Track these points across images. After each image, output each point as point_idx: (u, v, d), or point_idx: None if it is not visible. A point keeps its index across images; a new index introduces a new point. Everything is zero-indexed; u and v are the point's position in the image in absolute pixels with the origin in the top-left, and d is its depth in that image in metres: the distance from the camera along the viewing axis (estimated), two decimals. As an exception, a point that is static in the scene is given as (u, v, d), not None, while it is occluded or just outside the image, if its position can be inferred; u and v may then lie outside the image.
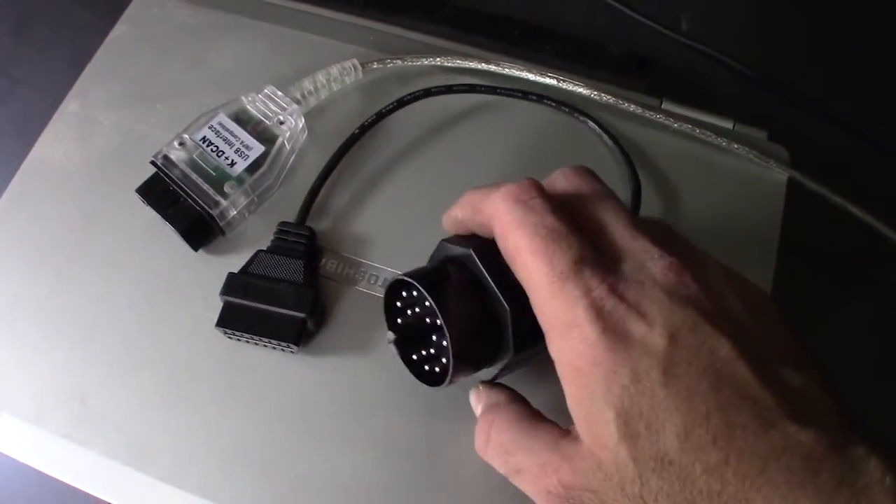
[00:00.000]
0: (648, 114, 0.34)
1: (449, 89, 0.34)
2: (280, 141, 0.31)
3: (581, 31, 0.40)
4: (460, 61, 0.35)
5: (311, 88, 0.33)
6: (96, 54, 0.36)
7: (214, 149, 0.31)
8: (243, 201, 0.31)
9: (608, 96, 0.34)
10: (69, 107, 0.35)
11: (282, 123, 0.32)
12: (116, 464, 0.27)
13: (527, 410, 0.24)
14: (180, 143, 0.31)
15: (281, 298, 0.28)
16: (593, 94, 0.34)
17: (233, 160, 0.31)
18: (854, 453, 0.18)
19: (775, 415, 0.18)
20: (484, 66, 0.35)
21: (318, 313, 0.29)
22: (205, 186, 0.30)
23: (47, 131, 0.34)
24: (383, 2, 0.39)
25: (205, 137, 0.31)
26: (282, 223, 0.31)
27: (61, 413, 0.28)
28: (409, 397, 0.28)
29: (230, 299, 0.29)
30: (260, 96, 0.32)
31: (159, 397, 0.28)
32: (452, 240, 0.25)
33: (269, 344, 0.29)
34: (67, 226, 0.32)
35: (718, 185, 0.33)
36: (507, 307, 0.22)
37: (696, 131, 0.34)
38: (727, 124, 0.35)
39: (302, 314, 0.28)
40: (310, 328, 0.29)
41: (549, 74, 0.34)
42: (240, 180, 0.30)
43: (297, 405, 0.28)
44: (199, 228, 0.30)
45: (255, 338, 0.28)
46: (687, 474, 0.18)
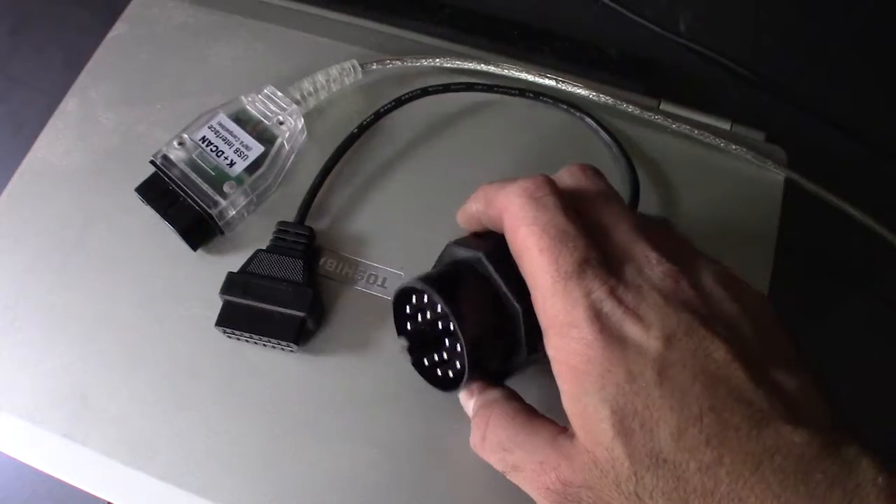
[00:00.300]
0: (646, 114, 0.34)
1: (446, 88, 0.34)
2: (279, 141, 0.31)
3: (580, 33, 0.40)
4: (460, 62, 0.35)
5: (311, 89, 0.33)
6: (95, 54, 0.36)
7: (214, 149, 0.31)
8: (242, 201, 0.31)
9: (606, 97, 0.34)
10: (68, 106, 0.35)
11: (281, 124, 0.32)
12: (116, 463, 0.27)
13: (523, 407, 0.24)
14: (180, 143, 0.31)
15: (280, 298, 0.28)
16: (592, 94, 0.34)
17: (232, 160, 0.31)
18: (846, 453, 0.18)
19: (769, 416, 0.19)
20: (483, 66, 0.35)
21: (317, 312, 0.29)
22: (204, 186, 0.30)
23: (46, 131, 0.34)
24: (383, 3, 0.39)
25: (204, 137, 0.31)
26: (281, 223, 0.31)
27: (61, 412, 0.28)
28: (409, 396, 0.28)
29: (230, 298, 0.29)
30: (260, 96, 0.32)
31: (159, 396, 0.29)
32: (460, 242, 0.25)
33: (269, 343, 0.29)
34: (67, 225, 0.32)
35: (716, 185, 0.33)
36: (519, 307, 0.23)
37: (694, 132, 0.34)
38: (725, 125, 0.35)
39: (301, 313, 0.28)
40: (309, 327, 0.29)
41: (548, 75, 0.34)
42: (239, 180, 0.30)
43: (297, 404, 0.28)
44: (198, 228, 0.30)
45: (254, 337, 0.28)
46: (681, 472, 0.18)
